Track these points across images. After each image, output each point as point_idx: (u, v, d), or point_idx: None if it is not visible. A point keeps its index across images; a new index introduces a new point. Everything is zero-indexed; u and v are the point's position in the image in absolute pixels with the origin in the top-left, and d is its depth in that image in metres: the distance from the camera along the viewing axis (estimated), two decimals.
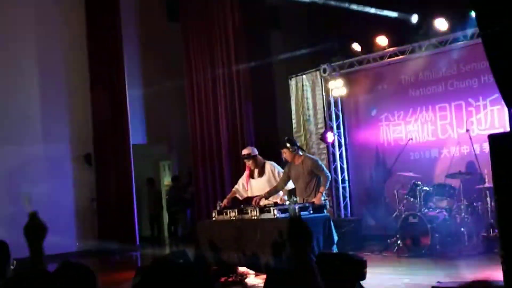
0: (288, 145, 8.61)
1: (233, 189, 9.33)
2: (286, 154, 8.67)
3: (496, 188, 3.33)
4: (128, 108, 14.49)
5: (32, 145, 13.37)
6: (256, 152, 9.03)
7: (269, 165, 8.98)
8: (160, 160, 17.73)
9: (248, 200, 8.95)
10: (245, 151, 9.09)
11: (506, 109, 8.02)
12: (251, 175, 9.08)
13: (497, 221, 3.41)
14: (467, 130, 10.00)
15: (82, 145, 14.29)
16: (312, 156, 9.09)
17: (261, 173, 8.93)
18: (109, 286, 8.62)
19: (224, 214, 8.63)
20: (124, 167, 14.34)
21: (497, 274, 6.39)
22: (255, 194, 8.90)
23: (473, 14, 9.35)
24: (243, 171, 10.25)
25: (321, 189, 8.30)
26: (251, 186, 9.07)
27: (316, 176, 8.45)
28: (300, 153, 8.69)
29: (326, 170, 8.56)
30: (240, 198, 9.28)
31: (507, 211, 3.25)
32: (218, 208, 8.84)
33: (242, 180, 9.24)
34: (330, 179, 8.58)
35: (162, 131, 16.29)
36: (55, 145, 13.74)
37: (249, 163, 8.95)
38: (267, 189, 8.77)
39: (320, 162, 8.71)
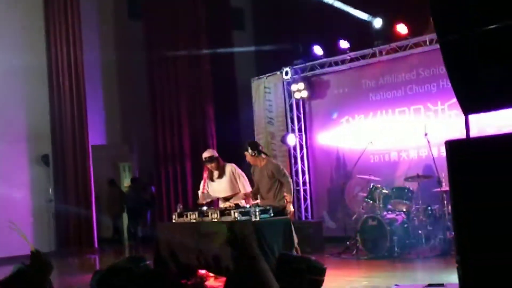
0: (249, 149, 8.62)
1: (199, 195, 9.23)
2: (248, 158, 8.68)
3: (452, 194, 3.37)
4: (87, 108, 14.30)
5: None
6: (217, 154, 9.01)
7: (230, 166, 8.96)
8: (120, 162, 17.54)
9: (208, 204, 8.93)
10: (206, 154, 9.02)
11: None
12: (211, 178, 9.04)
13: (453, 227, 3.46)
14: (426, 134, 10.13)
15: (39, 145, 14.05)
16: (274, 161, 9.12)
17: (221, 175, 8.90)
18: None
19: (185, 216, 8.57)
20: (83, 168, 14.15)
21: (453, 277, 6.50)
22: (215, 196, 8.88)
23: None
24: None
25: (288, 197, 8.29)
26: (211, 188, 9.03)
27: (278, 181, 8.47)
28: (263, 156, 8.72)
29: (288, 175, 8.59)
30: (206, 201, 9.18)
31: (462, 217, 3.29)
32: (178, 210, 8.79)
33: (202, 183, 9.19)
34: (292, 184, 8.62)
35: (122, 132, 16.13)
36: (11, 145, 13.48)
37: (211, 165, 8.89)
38: (228, 190, 8.78)
39: (281, 168, 8.73)
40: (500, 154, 3.14)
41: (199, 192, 9.16)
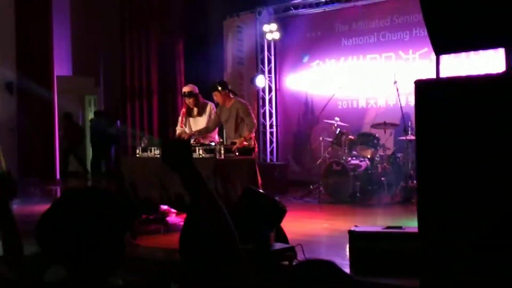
0: (219, 88, 8.52)
1: (177, 131, 9.11)
2: (217, 96, 8.58)
3: (418, 132, 3.34)
4: (54, 38, 13.92)
5: None
6: (197, 90, 8.87)
7: (210, 105, 8.86)
8: (85, 94, 17.22)
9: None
10: (186, 89, 8.87)
11: (433, 64, 8.14)
12: (189, 114, 8.92)
13: (416, 165, 3.44)
14: (395, 82, 10.11)
15: (4, 72, 13.69)
16: (242, 101, 9.02)
17: (201, 113, 8.79)
18: (27, 219, 8.40)
19: (149, 151, 8.49)
20: (47, 99, 13.87)
21: (412, 222, 6.59)
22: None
23: None
24: (171, 110, 10.13)
25: (245, 133, 8.27)
26: (189, 124, 8.92)
27: (244, 121, 8.42)
28: (231, 96, 8.63)
29: (253, 117, 8.53)
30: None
31: (426, 156, 3.27)
32: (142, 145, 8.69)
33: (179, 119, 9.07)
34: (255, 127, 8.57)
35: (89, 64, 15.79)
36: None
37: (189, 101, 8.75)
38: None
39: (249, 108, 8.66)
40: (470, 95, 3.09)
41: (177, 128, 9.06)
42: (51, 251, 1.92)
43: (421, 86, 3.27)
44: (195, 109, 8.82)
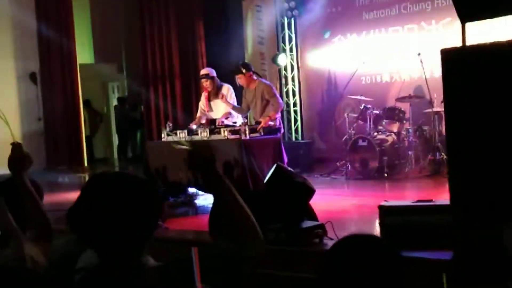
0: (243, 70, 8.50)
1: (198, 116, 9.13)
2: (241, 79, 8.57)
3: (446, 102, 3.27)
4: (75, 26, 13.97)
5: None
6: (214, 73, 8.87)
7: (226, 87, 8.85)
8: (108, 81, 17.32)
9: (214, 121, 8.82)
10: (203, 71, 8.97)
11: (457, 34, 8.01)
12: (209, 97, 8.96)
13: (446, 136, 3.37)
14: (419, 54, 9.97)
15: (27, 63, 13.79)
16: (266, 82, 8.99)
17: (217, 95, 8.80)
18: (57, 206, 8.47)
19: (174, 135, 8.52)
20: (71, 87, 13.96)
21: (442, 195, 6.52)
22: (220, 115, 8.77)
23: None
24: (194, 93, 10.15)
25: (271, 114, 8.25)
26: (212, 107, 8.95)
27: (269, 102, 8.41)
28: (255, 77, 8.61)
29: (278, 97, 8.53)
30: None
31: (455, 126, 3.21)
32: (167, 129, 8.73)
33: (201, 103, 9.09)
34: (282, 107, 8.56)
35: (111, 51, 15.84)
36: None
37: (206, 83, 8.78)
38: (223, 111, 8.73)
39: (273, 89, 8.65)
40: (497, 62, 3.01)
41: (199, 112, 9.08)
42: (83, 236, 1.93)
43: (448, 55, 3.20)
44: (212, 92, 8.82)
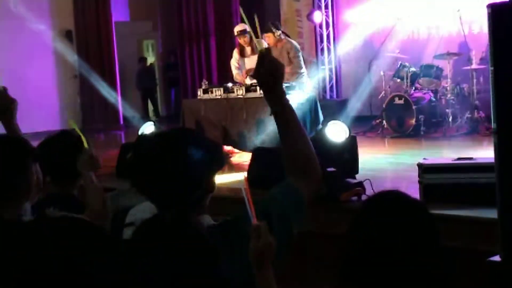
0: (273, 29, 8.44)
1: (236, 73, 9.01)
2: (269, 38, 8.48)
3: (493, 59, 3.21)
4: None
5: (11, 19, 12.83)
6: (249, 28, 8.72)
7: (262, 42, 8.77)
8: (143, 39, 17.32)
9: None
10: (238, 28, 8.75)
11: None
12: (242, 54, 8.82)
13: (492, 94, 3.30)
14: (458, 10, 9.76)
15: (62, 21, 13.86)
16: (293, 42, 8.90)
17: (254, 51, 8.66)
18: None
19: (210, 92, 8.54)
20: (107, 45, 14.04)
21: (480, 153, 6.46)
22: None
23: None
24: (230, 51, 10.04)
25: (288, 69, 8.13)
26: (244, 64, 8.81)
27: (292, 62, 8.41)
28: (282, 37, 8.58)
29: (301, 59, 8.56)
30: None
31: (503, 83, 3.16)
32: (203, 87, 8.74)
33: (233, 62, 8.97)
34: (302, 68, 8.56)
35: (146, 9, 15.83)
36: (35, 20, 13.27)
37: (244, 40, 8.65)
38: None
39: (299, 50, 8.61)
40: None
41: (233, 70, 8.96)
42: (141, 187, 1.95)
43: (496, 10, 3.13)
44: (249, 49, 8.67)
